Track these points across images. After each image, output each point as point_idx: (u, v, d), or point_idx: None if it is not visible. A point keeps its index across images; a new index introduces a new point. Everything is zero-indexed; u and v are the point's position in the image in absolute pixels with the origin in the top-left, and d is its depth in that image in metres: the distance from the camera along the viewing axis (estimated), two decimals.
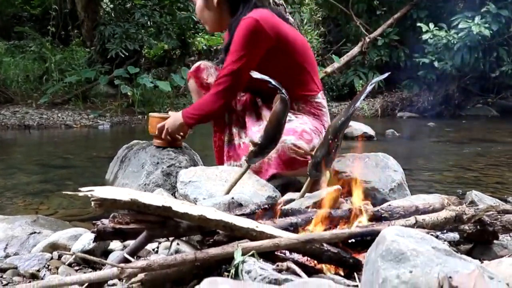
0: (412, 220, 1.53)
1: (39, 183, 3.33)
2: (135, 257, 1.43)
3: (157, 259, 1.26)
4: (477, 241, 1.67)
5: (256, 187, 2.18)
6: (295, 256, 1.44)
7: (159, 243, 1.78)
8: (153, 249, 1.76)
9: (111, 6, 10.44)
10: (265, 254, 1.34)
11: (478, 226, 1.62)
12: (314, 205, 1.79)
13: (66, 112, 7.97)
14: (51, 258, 1.69)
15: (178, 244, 1.51)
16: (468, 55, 9.28)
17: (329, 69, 10.17)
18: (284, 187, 2.55)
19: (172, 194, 2.50)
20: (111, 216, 1.41)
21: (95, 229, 1.40)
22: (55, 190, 3.08)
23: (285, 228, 1.51)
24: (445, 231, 1.60)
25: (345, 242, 1.43)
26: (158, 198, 1.40)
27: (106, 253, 1.72)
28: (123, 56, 8.95)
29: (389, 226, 1.30)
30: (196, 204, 1.80)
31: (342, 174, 2.52)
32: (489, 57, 9.69)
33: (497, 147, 5.48)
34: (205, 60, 3.00)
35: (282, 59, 2.55)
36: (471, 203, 2.05)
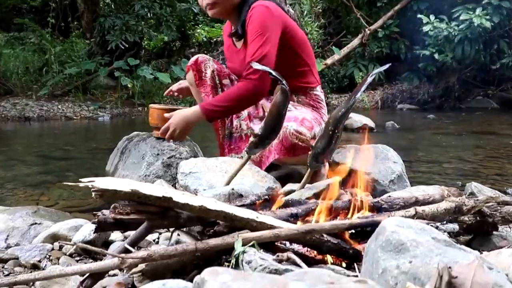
0: (412, 211, 1.54)
1: (40, 175, 3.34)
2: (136, 248, 1.44)
3: (158, 250, 1.26)
4: (477, 232, 1.68)
5: (257, 178, 2.18)
6: (295, 247, 1.45)
7: (160, 234, 1.79)
8: (154, 240, 1.77)
9: None
10: (266, 245, 1.34)
11: (478, 217, 1.63)
12: (315, 196, 1.80)
13: (66, 104, 7.96)
14: (52, 249, 1.70)
15: (179, 235, 1.51)
16: (469, 47, 9.26)
17: (329, 61, 10.13)
18: (284, 179, 2.56)
19: (173, 185, 2.50)
20: (112, 207, 1.42)
21: (96, 220, 1.41)
22: (56, 182, 3.08)
23: (286, 219, 1.52)
24: (445, 222, 1.60)
25: (345, 233, 1.44)
26: (159, 189, 1.40)
27: (107, 244, 1.73)
28: (123, 48, 8.93)
29: (389, 217, 1.30)
30: (197, 195, 1.80)
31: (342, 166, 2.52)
32: (490, 49, 9.67)
33: (497, 139, 5.48)
34: (203, 53, 3.00)
35: (284, 50, 2.55)
36: (471, 195, 2.06)
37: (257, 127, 2.02)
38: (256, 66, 1.90)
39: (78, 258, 1.64)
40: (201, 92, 2.76)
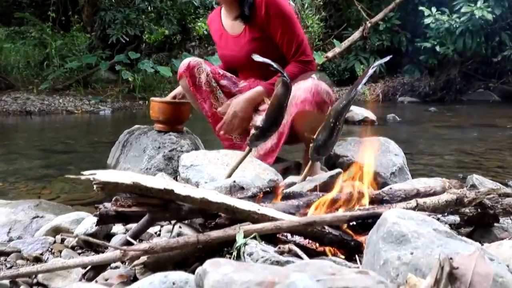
0: (413, 203, 1.54)
1: (41, 168, 3.34)
2: (138, 240, 1.44)
3: (160, 242, 1.26)
4: (478, 224, 1.68)
5: (258, 171, 2.18)
6: (297, 239, 1.45)
7: (162, 226, 1.79)
8: (156, 233, 1.77)
9: None
10: (267, 237, 1.34)
11: (479, 209, 1.63)
12: (316, 189, 1.80)
13: (67, 98, 7.96)
14: (54, 242, 1.71)
15: (180, 227, 1.51)
16: (470, 40, 9.24)
17: (330, 54, 10.12)
18: (285, 171, 2.56)
19: (174, 178, 2.50)
20: (113, 200, 1.42)
21: (98, 213, 1.41)
22: (57, 175, 3.09)
23: (287, 211, 1.52)
24: (446, 214, 1.60)
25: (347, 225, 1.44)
26: (160, 181, 1.40)
27: (109, 237, 1.74)
28: (124, 42, 8.92)
29: (390, 209, 1.30)
30: (198, 188, 1.80)
31: (343, 158, 2.53)
32: (491, 42, 9.65)
33: (498, 132, 5.48)
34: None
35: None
36: (472, 187, 2.06)
37: (258, 120, 2.01)
38: (257, 59, 1.90)
39: (80, 251, 1.65)
40: (197, 99, 2.73)
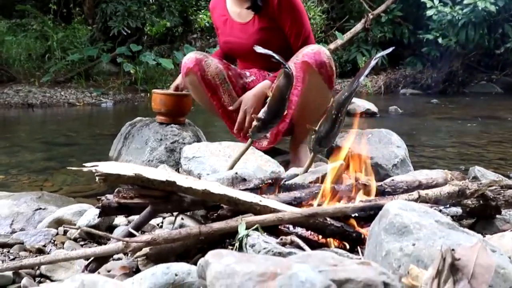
0: (415, 195, 1.54)
1: (43, 161, 3.35)
2: (140, 232, 1.44)
3: (162, 233, 1.27)
4: (480, 216, 1.68)
5: (260, 162, 2.18)
6: (299, 230, 1.45)
7: (164, 218, 1.80)
8: (158, 224, 1.77)
9: None
10: (269, 228, 1.35)
11: (481, 201, 1.63)
12: (318, 180, 1.80)
13: (69, 91, 7.95)
14: (57, 234, 1.71)
15: (183, 219, 1.51)
16: (473, 32, 9.19)
17: (332, 46, 10.07)
18: (287, 163, 2.56)
19: (176, 170, 2.50)
20: (116, 191, 1.42)
21: (100, 205, 1.42)
22: (59, 168, 3.09)
23: (289, 203, 1.52)
24: (448, 206, 1.60)
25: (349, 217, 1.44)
26: (162, 173, 1.41)
27: (111, 229, 1.74)
28: (125, 34, 8.89)
29: (393, 200, 1.30)
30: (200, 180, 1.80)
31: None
32: (494, 34, 9.59)
33: (501, 124, 5.47)
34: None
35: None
36: (474, 179, 2.05)
37: (261, 111, 2.01)
38: (260, 50, 1.89)
39: (83, 243, 1.65)
40: (207, 93, 2.63)
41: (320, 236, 1.44)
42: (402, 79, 10.47)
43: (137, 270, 1.34)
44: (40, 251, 1.58)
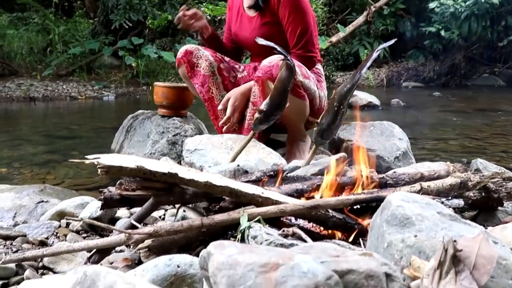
0: (417, 187, 1.54)
1: (45, 154, 3.35)
2: (142, 224, 1.45)
3: (164, 225, 1.27)
4: (482, 208, 1.68)
5: (262, 155, 2.18)
6: (301, 222, 1.45)
7: (166, 210, 1.80)
8: (160, 216, 1.78)
9: None
10: (271, 220, 1.35)
11: (483, 193, 1.62)
12: (319, 172, 1.80)
13: (71, 84, 7.95)
14: (59, 226, 1.72)
15: (185, 211, 1.52)
16: (476, 24, 9.15)
17: (334, 39, 10.05)
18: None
19: (178, 163, 2.50)
20: (118, 183, 1.42)
21: (102, 197, 1.41)
22: (61, 161, 3.10)
23: (291, 195, 1.52)
24: (450, 198, 1.60)
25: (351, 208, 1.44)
26: (164, 165, 1.41)
27: (113, 221, 1.74)
28: (127, 27, 8.87)
29: (394, 192, 1.30)
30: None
31: (348, 142, 2.52)
32: (497, 26, 9.55)
33: (503, 117, 5.46)
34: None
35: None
36: (476, 171, 2.05)
37: (263, 103, 2.01)
38: (261, 42, 1.89)
39: (85, 235, 1.66)
40: (194, 84, 2.69)
41: (322, 228, 1.44)
42: (404, 72, 10.44)
43: (139, 262, 1.34)
44: (43, 244, 1.58)
